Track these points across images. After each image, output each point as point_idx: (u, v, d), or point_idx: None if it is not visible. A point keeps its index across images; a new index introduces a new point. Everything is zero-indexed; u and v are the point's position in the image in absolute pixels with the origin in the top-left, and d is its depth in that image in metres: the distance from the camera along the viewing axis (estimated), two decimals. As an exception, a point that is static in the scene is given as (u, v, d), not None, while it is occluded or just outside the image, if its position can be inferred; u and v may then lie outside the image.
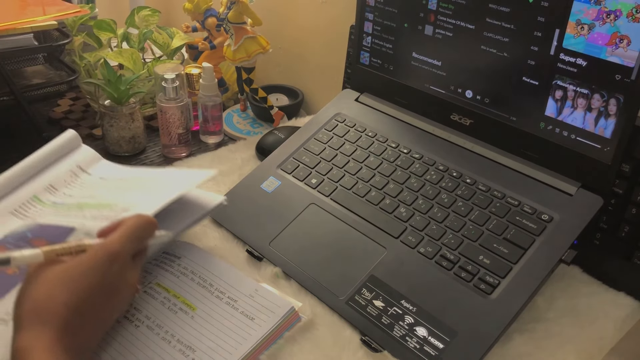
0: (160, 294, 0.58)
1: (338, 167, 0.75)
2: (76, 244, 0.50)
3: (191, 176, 0.66)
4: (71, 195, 0.66)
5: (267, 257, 0.67)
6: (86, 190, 0.67)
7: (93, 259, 0.48)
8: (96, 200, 0.64)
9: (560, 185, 0.65)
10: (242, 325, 0.55)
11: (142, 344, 0.53)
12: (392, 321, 0.58)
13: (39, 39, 1.00)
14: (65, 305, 0.45)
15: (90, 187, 0.67)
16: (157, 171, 0.70)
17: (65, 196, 0.66)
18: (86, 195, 0.66)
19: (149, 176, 0.69)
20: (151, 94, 0.98)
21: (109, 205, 0.61)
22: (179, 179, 0.67)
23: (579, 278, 0.65)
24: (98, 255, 0.48)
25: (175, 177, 0.68)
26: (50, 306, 0.45)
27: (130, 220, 0.51)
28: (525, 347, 0.57)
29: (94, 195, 0.65)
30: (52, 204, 0.65)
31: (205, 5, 1.04)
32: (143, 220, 0.52)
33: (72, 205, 0.64)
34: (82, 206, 0.62)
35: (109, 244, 0.49)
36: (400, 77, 0.80)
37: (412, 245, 0.64)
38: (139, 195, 0.63)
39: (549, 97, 0.64)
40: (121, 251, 0.49)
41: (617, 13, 0.57)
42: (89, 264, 0.47)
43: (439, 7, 0.71)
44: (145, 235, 0.52)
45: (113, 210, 0.60)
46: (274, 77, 1.17)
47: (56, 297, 0.45)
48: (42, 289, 0.46)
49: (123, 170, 0.70)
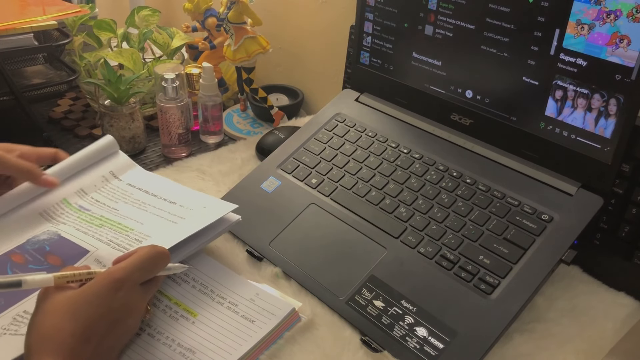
0: (162, 301, 0.58)
1: (338, 167, 0.75)
2: (87, 272, 0.51)
3: (215, 208, 0.65)
4: (98, 201, 0.68)
5: (267, 257, 0.67)
6: (112, 200, 0.68)
7: (98, 286, 0.48)
8: (116, 218, 0.65)
9: (560, 185, 0.65)
10: (242, 328, 0.55)
11: (143, 350, 0.53)
12: (392, 321, 0.58)
13: (39, 39, 1.00)
14: (72, 334, 0.46)
15: (117, 197, 0.68)
16: (184, 192, 0.69)
17: (93, 201, 0.67)
18: (111, 208, 0.67)
19: (174, 196, 0.68)
20: (151, 94, 0.98)
21: (126, 229, 0.62)
22: (203, 211, 0.65)
23: (579, 278, 0.65)
24: (103, 282, 0.49)
25: (199, 203, 0.67)
26: (56, 336, 0.45)
27: (142, 250, 0.52)
28: (525, 347, 0.57)
29: (117, 209, 0.66)
30: (79, 208, 0.66)
31: (205, 5, 1.04)
32: (155, 252, 0.52)
33: (94, 218, 0.65)
34: (103, 223, 0.63)
35: (114, 271, 0.49)
36: (400, 77, 0.80)
37: (412, 245, 0.64)
38: (157, 225, 0.63)
39: (549, 97, 0.64)
40: (126, 279, 0.49)
41: (617, 13, 0.57)
42: (94, 292, 0.48)
43: (439, 7, 0.71)
44: (155, 266, 0.53)
45: (128, 237, 0.61)
46: (274, 77, 1.16)
47: (63, 327, 0.46)
48: (48, 318, 0.47)
49: (152, 181, 0.71)
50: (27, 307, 0.55)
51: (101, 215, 0.65)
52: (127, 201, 0.68)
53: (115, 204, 0.67)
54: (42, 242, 0.61)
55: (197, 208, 0.66)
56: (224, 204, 0.65)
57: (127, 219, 0.65)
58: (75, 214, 0.65)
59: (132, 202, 0.68)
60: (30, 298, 0.55)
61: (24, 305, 0.55)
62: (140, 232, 0.62)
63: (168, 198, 0.68)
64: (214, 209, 0.64)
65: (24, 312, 0.54)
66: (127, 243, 0.60)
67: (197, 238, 0.61)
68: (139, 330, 0.55)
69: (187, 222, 0.63)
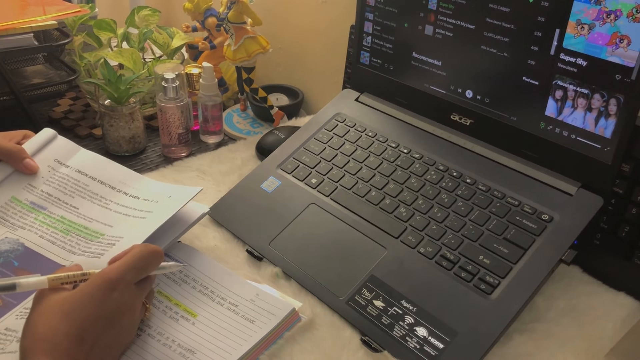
0: (162, 302, 0.58)
1: (338, 167, 0.75)
2: (81, 273, 0.50)
3: (180, 196, 0.64)
4: (50, 195, 0.64)
5: (267, 257, 0.67)
6: (67, 194, 0.65)
7: (91, 287, 0.48)
8: (81, 220, 0.62)
9: (561, 185, 0.65)
10: (242, 328, 0.55)
11: (143, 351, 0.53)
12: (392, 321, 0.58)
13: (39, 38, 1.00)
14: (66, 335, 0.45)
15: (71, 189, 0.65)
16: (142, 182, 0.67)
17: (45, 196, 0.64)
18: (68, 205, 0.64)
19: (134, 189, 0.66)
20: (151, 94, 0.98)
21: (96, 234, 0.61)
22: (168, 200, 0.64)
23: (579, 278, 0.65)
24: (96, 283, 0.48)
25: (163, 193, 0.65)
26: (51, 337, 0.45)
27: (136, 249, 0.52)
28: (525, 347, 0.57)
29: (77, 207, 0.64)
30: (32, 206, 0.63)
31: (205, 5, 1.04)
32: (148, 251, 0.52)
33: (55, 221, 0.62)
34: (68, 228, 0.61)
35: (107, 272, 0.49)
36: (400, 77, 0.80)
37: (412, 245, 0.64)
38: (127, 225, 0.61)
39: (549, 97, 0.64)
40: (120, 279, 0.49)
41: (617, 13, 0.57)
42: (87, 293, 0.48)
43: (439, 7, 0.71)
44: (149, 265, 0.52)
45: (101, 244, 0.60)
46: (274, 77, 1.16)
47: (57, 328, 0.46)
48: (43, 319, 0.46)
49: (102, 167, 0.67)
50: (8, 324, 0.53)
51: (61, 217, 0.62)
52: (84, 195, 0.65)
53: (71, 199, 0.64)
54: (7, 254, 0.59)
55: (162, 199, 0.64)
56: (188, 189, 0.64)
57: (94, 221, 0.62)
58: (31, 214, 0.63)
59: (91, 197, 0.64)
60: (8, 315, 0.54)
61: (5, 322, 0.53)
62: (112, 236, 0.60)
63: (129, 192, 0.65)
64: (179, 196, 0.63)
65: (5, 329, 0.53)
66: (102, 249, 0.59)
67: (169, 230, 0.60)
68: (138, 331, 0.55)
69: (155, 214, 0.62)
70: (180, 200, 0.62)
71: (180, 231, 0.62)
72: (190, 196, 0.63)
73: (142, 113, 0.91)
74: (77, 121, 0.98)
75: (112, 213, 0.63)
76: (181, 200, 0.62)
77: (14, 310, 0.54)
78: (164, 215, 0.61)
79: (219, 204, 0.74)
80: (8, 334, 0.52)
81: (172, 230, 0.61)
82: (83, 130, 0.95)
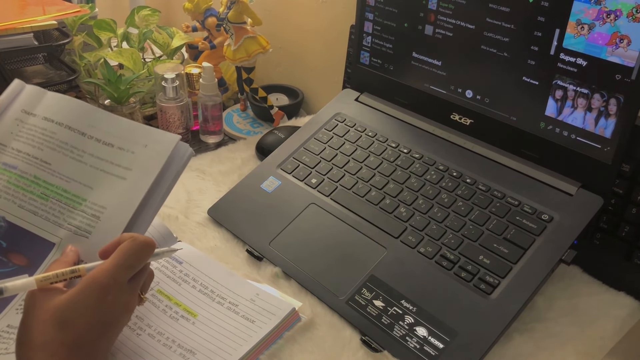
0: (162, 301, 0.58)
1: (338, 167, 0.75)
2: (70, 270, 0.48)
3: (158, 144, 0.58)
4: (20, 151, 0.58)
5: (267, 257, 0.67)
6: (36, 147, 0.58)
7: (84, 294, 0.47)
8: (56, 178, 0.57)
9: (561, 185, 0.65)
10: (242, 328, 0.55)
11: (143, 351, 0.53)
12: (392, 321, 0.58)
13: (39, 38, 1.00)
14: (63, 344, 0.45)
15: (39, 141, 0.58)
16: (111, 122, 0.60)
17: (15, 153, 0.58)
18: (39, 160, 0.58)
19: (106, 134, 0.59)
20: (151, 94, 0.98)
21: (77, 199, 0.56)
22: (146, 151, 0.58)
23: (579, 278, 0.65)
24: (88, 289, 0.47)
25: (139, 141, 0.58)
26: (48, 348, 0.45)
27: (125, 245, 0.49)
28: (525, 347, 0.57)
29: (49, 162, 0.57)
30: (3, 167, 0.58)
31: (205, 5, 1.04)
32: (138, 245, 0.49)
33: (30, 183, 0.57)
34: (45, 192, 0.56)
35: (99, 276, 0.47)
36: (400, 77, 0.80)
37: (412, 245, 0.64)
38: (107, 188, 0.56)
39: (549, 97, 0.64)
40: (112, 283, 0.47)
41: (617, 13, 0.57)
42: (80, 300, 0.46)
43: (439, 7, 0.71)
44: (140, 260, 0.50)
45: (85, 214, 0.55)
46: (274, 77, 1.16)
47: (53, 338, 0.45)
48: (39, 328, 0.45)
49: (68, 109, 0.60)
50: (9, 320, 0.52)
51: (35, 176, 0.57)
52: (53, 147, 0.58)
53: (41, 153, 0.57)
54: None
55: (138, 149, 0.58)
56: (165, 135, 0.58)
57: (71, 181, 0.56)
58: (3, 176, 0.57)
59: (61, 148, 0.58)
60: (8, 310, 0.53)
61: (6, 318, 0.52)
62: (94, 203, 0.55)
63: (102, 138, 0.59)
64: (156, 148, 0.57)
65: (7, 326, 0.52)
66: (87, 224, 0.54)
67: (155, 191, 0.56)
68: (139, 330, 0.55)
69: (135, 174, 0.56)
70: (159, 155, 0.57)
71: (166, 187, 0.56)
72: (169, 146, 0.57)
73: (142, 113, 0.91)
74: (77, 121, 0.98)
75: (87, 168, 0.57)
76: (160, 153, 0.57)
77: (13, 303, 0.53)
78: (146, 177, 0.55)
79: (219, 204, 0.74)
80: (11, 332, 0.51)
81: (157, 190, 0.56)
82: (83, 130, 0.95)
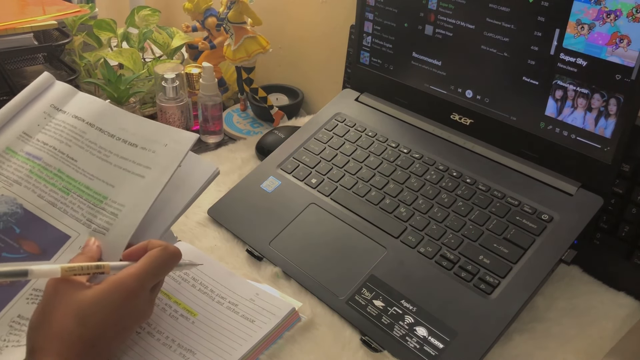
0: (161, 300, 0.58)
1: (338, 166, 0.75)
2: (95, 265, 0.49)
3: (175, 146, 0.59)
4: (46, 144, 0.60)
5: (267, 257, 0.67)
6: (63, 143, 0.60)
7: (111, 294, 0.47)
8: (80, 177, 0.58)
9: (561, 185, 0.65)
10: (242, 328, 0.55)
11: (143, 350, 0.53)
12: (392, 321, 0.58)
13: (39, 38, 1.00)
14: (79, 338, 0.45)
15: (68, 137, 0.60)
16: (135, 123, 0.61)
17: (41, 145, 0.60)
18: (65, 155, 0.59)
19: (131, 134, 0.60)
20: (151, 94, 0.98)
21: (98, 197, 0.57)
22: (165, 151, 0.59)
23: (579, 278, 0.65)
24: (117, 291, 0.48)
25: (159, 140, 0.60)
26: (64, 338, 0.45)
27: (154, 252, 0.50)
28: (525, 347, 0.57)
29: (76, 159, 0.59)
30: (27, 156, 0.59)
31: (205, 4, 1.04)
32: (167, 254, 0.51)
33: (53, 175, 0.58)
34: (67, 186, 0.57)
35: (127, 279, 0.48)
36: (401, 77, 0.80)
37: (412, 245, 0.64)
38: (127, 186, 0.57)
39: (549, 97, 0.64)
40: (139, 288, 0.48)
41: (617, 13, 0.57)
42: (106, 299, 0.47)
43: (439, 7, 0.71)
44: (166, 269, 0.51)
45: (104, 212, 0.56)
46: (274, 77, 1.16)
47: (72, 330, 0.46)
48: (58, 318, 0.46)
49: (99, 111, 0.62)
50: (19, 310, 0.52)
51: (59, 170, 0.58)
52: (81, 145, 0.60)
53: (68, 149, 0.59)
54: (6, 218, 0.55)
55: (159, 149, 0.59)
56: (185, 134, 0.59)
57: (95, 179, 0.58)
58: (26, 165, 0.58)
59: (89, 147, 0.59)
60: (18, 299, 0.53)
61: (16, 307, 0.52)
62: (114, 202, 0.56)
63: (128, 139, 0.60)
64: (175, 146, 0.58)
65: (18, 317, 0.52)
66: (105, 221, 0.55)
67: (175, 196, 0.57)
68: (138, 329, 0.55)
69: (154, 172, 0.57)
70: (177, 152, 0.58)
71: (188, 199, 0.58)
72: (187, 145, 0.58)
73: (142, 113, 0.91)
74: (77, 121, 0.98)
75: (112, 167, 0.58)
76: (178, 151, 0.58)
77: (22, 292, 0.53)
78: (162, 175, 0.56)
79: (219, 203, 0.74)
80: (22, 323, 0.51)
81: (178, 196, 0.57)
82: (83, 130, 0.95)
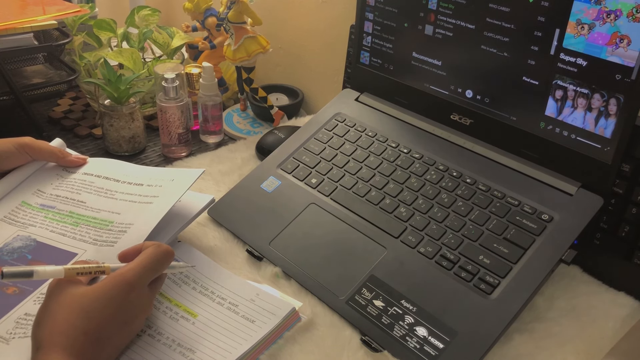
0: (162, 303, 0.58)
1: (338, 166, 0.75)
2: (96, 265, 0.51)
3: (182, 179, 0.66)
4: (58, 196, 0.66)
5: (267, 257, 0.67)
6: (74, 192, 0.67)
7: (112, 288, 0.49)
8: (88, 212, 0.64)
9: (561, 185, 0.65)
10: (242, 328, 0.55)
11: (143, 350, 0.54)
12: (392, 321, 0.58)
13: (39, 38, 1.00)
14: (84, 333, 0.46)
15: (77, 187, 0.67)
16: (145, 171, 0.69)
17: (53, 197, 0.66)
18: (75, 200, 0.66)
19: (137, 177, 0.68)
20: (151, 94, 0.98)
21: (105, 223, 0.62)
22: (172, 184, 0.66)
23: (579, 278, 0.65)
24: (117, 285, 0.49)
25: (166, 177, 0.67)
26: (69, 332, 0.46)
27: (149, 249, 0.53)
28: (525, 347, 0.57)
29: (84, 202, 0.65)
30: (41, 206, 0.65)
31: (205, 4, 1.04)
32: (161, 251, 0.53)
33: (64, 216, 0.64)
34: (77, 221, 0.63)
35: (127, 274, 0.50)
36: (401, 77, 0.80)
37: (412, 245, 0.64)
38: (134, 210, 0.63)
39: (549, 97, 0.64)
40: (137, 281, 0.50)
41: (617, 13, 0.57)
42: (107, 293, 0.49)
43: (439, 7, 0.71)
44: (162, 266, 0.54)
45: (111, 231, 0.61)
46: (274, 77, 1.16)
47: (76, 324, 0.47)
48: (62, 314, 0.47)
49: (107, 166, 0.70)
50: (27, 309, 0.54)
51: (70, 212, 0.64)
52: (90, 191, 0.67)
53: (78, 196, 0.66)
54: (20, 250, 0.60)
55: (165, 183, 0.66)
56: (191, 171, 0.66)
57: (101, 211, 0.64)
58: (40, 213, 0.64)
59: (97, 191, 0.66)
60: (26, 302, 0.55)
61: (23, 308, 0.54)
62: (121, 223, 0.62)
63: (133, 181, 0.67)
64: (182, 179, 0.65)
65: (25, 314, 0.54)
66: (113, 237, 0.60)
67: (175, 219, 0.62)
68: (139, 332, 0.55)
69: (162, 199, 0.63)
70: (185, 182, 0.64)
71: (186, 221, 0.63)
72: (194, 178, 0.65)
73: (142, 113, 0.91)
74: (77, 121, 0.98)
75: (118, 202, 0.65)
76: (185, 182, 0.64)
77: (30, 296, 0.55)
78: (171, 198, 0.62)
79: (218, 203, 0.74)
80: (28, 319, 0.53)
81: (177, 219, 0.63)
82: (83, 130, 0.95)
